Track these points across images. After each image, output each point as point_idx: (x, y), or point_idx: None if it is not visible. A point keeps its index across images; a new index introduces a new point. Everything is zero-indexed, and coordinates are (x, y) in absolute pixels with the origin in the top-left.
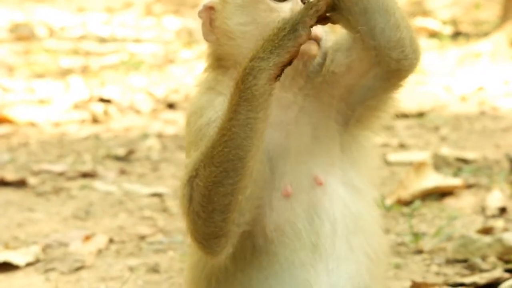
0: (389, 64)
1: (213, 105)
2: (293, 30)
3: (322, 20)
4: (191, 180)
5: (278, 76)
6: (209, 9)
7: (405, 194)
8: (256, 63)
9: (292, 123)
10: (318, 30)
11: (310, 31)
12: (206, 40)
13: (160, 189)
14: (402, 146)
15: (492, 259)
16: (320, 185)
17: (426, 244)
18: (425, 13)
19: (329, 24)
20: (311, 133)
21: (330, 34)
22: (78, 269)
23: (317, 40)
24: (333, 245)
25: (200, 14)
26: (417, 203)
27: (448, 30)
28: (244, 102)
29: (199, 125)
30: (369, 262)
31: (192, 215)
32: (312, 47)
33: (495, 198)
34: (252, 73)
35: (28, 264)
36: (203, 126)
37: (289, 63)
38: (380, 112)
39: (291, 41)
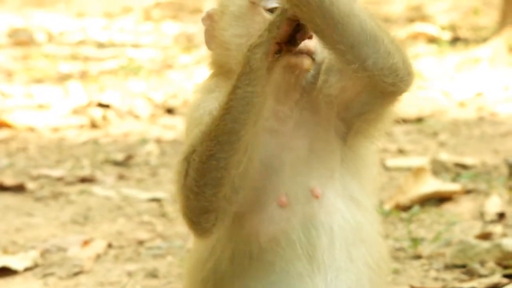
0: (384, 88)
1: (212, 99)
2: (279, 9)
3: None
4: (189, 156)
5: (276, 53)
6: (211, 17)
7: (404, 199)
8: (254, 42)
9: (288, 135)
10: (311, 43)
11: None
12: (208, 48)
13: (158, 194)
14: (401, 152)
15: (491, 264)
16: (317, 198)
17: (425, 249)
18: (423, 18)
19: None
20: (308, 146)
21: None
22: (76, 274)
23: (309, 54)
24: (332, 257)
25: (203, 21)
26: (416, 208)
27: (447, 35)
28: (242, 76)
29: (198, 115)
30: (371, 272)
31: (185, 190)
32: (304, 61)
33: (493, 204)
34: (250, 49)
35: (27, 269)
36: (202, 116)
37: (288, 41)
38: (379, 123)
39: (279, 16)
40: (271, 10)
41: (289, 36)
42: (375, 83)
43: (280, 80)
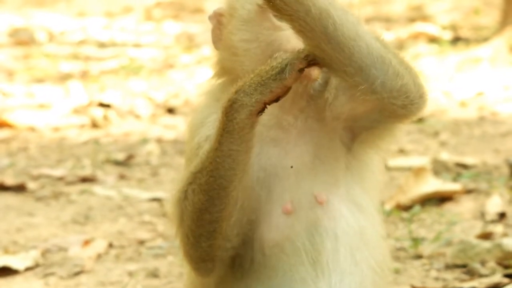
0: (394, 110)
1: (210, 121)
2: (280, 71)
3: (318, 63)
4: (181, 202)
5: (260, 112)
6: (219, 16)
7: (405, 199)
8: (239, 96)
9: (291, 142)
10: None
11: (298, 75)
12: (215, 47)
13: (159, 194)
14: (402, 151)
15: (492, 264)
16: (321, 204)
17: (426, 249)
18: (424, 18)
19: None
20: (312, 153)
21: None
22: (77, 273)
23: (318, 63)
24: (336, 261)
25: (210, 19)
26: (417, 208)
27: (447, 35)
28: (226, 134)
29: (195, 143)
30: (374, 274)
31: (183, 236)
32: (312, 71)
33: (494, 203)
34: (234, 107)
35: (28, 269)
36: (198, 144)
37: (276, 100)
38: (386, 136)
39: (276, 82)
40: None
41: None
42: (384, 105)
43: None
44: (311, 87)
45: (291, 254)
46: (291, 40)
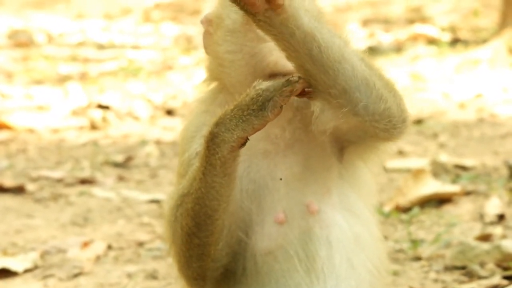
0: (376, 133)
1: (200, 136)
2: (262, 108)
3: (299, 94)
4: (172, 223)
5: (242, 146)
6: (209, 21)
7: (404, 201)
8: (220, 131)
9: (280, 153)
10: None
11: (279, 111)
12: (206, 52)
13: (158, 195)
14: (401, 153)
15: (491, 266)
16: (314, 213)
17: (425, 251)
18: (423, 19)
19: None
20: (301, 163)
21: None
22: (76, 275)
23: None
24: (332, 266)
25: (202, 23)
26: (416, 210)
27: (446, 37)
28: (209, 166)
29: (186, 158)
30: (371, 276)
31: (175, 254)
32: (298, 86)
33: (493, 205)
34: (216, 141)
35: (26, 271)
36: (189, 160)
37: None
38: (373, 152)
39: (258, 118)
40: None
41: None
42: (366, 128)
43: None
44: (295, 99)
45: (284, 262)
46: (274, 52)
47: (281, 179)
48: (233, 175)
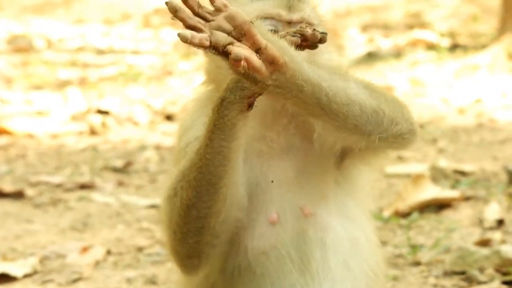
0: (387, 147)
1: (199, 123)
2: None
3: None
4: (171, 198)
5: (249, 107)
6: None
7: (403, 206)
8: (227, 94)
9: (275, 157)
10: None
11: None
12: (204, 53)
13: (157, 200)
14: (400, 158)
15: (490, 271)
16: (308, 216)
17: (424, 256)
18: (423, 25)
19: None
20: (296, 168)
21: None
22: (75, 280)
23: None
24: (327, 268)
25: None
26: (415, 215)
27: (446, 42)
28: (217, 130)
29: (184, 143)
30: (368, 280)
31: (170, 232)
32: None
33: (492, 210)
34: (224, 104)
35: (26, 276)
36: (187, 145)
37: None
38: (379, 156)
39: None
40: None
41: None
42: (380, 148)
43: (267, 106)
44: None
45: (277, 262)
46: None
47: (272, 181)
48: (241, 140)
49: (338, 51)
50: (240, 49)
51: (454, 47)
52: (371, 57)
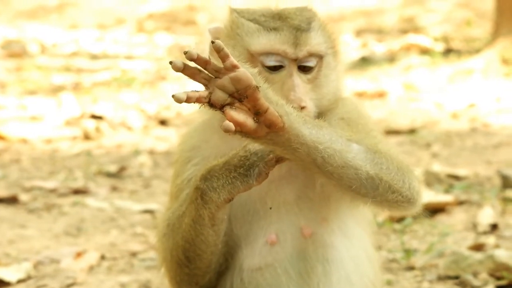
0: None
1: (194, 163)
2: (247, 174)
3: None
4: (164, 249)
5: (229, 201)
6: (217, 34)
7: None
8: (208, 189)
9: (275, 182)
10: (303, 96)
11: (265, 177)
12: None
13: (151, 205)
14: None
15: (484, 275)
16: (308, 236)
17: (418, 260)
18: (417, 29)
19: None
20: (295, 193)
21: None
22: (69, 285)
23: (302, 108)
24: (329, 283)
25: (210, 33)
26: (409, 219)
27: (439, 47)
28: (198, 217)
29: (179, 182)
30: None
31: (166, 275)
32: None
33: (486, 215)
34: (204, 198)
35: (20, 281)
36: (182, 183)
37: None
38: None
39: (243, 184)
40: (269, 68)
41: None
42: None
43: None
44: None
45: (271, 279)
46: None
47: (271, 208)
48: (222, 225)
49: (337, 60)
50: (235, 114)
51: (448, 52)
52: (365, 61)
